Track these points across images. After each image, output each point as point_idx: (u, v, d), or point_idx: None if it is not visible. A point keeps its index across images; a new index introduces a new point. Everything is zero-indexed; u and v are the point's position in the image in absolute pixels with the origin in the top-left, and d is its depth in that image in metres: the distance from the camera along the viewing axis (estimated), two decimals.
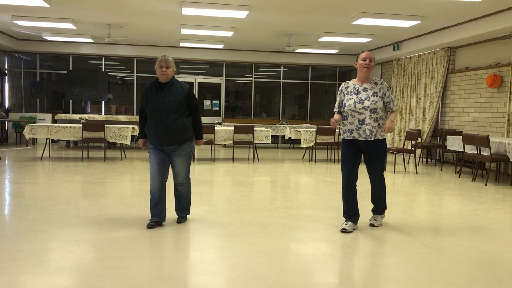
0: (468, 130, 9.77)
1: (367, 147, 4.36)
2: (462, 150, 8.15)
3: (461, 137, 8.18)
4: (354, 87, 4.41)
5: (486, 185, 7.44)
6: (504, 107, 8.77)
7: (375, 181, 4.48)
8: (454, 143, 8.57)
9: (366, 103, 4.28)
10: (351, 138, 4.36)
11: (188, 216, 4.76)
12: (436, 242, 4.09)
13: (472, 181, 7.78)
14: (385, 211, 4.68)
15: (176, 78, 4.37)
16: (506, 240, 4.23)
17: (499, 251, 3.88)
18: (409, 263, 3.51)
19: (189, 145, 4.37)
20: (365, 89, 4.35)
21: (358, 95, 4.33)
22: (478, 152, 7.65)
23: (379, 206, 4.59)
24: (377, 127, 4.29)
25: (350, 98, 4.35)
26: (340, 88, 4.51)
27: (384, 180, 4.51)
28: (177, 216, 4.60)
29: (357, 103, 4.29)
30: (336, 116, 4.39)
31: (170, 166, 4.42)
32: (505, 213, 5.38)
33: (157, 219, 4.35)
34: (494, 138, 7.95)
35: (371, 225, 4.60)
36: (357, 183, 4.49)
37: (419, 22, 8.96)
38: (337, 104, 4.49)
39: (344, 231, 4.33)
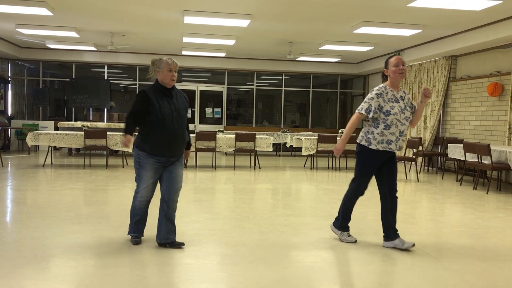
0: (469, 139, 9.78)
1: (389, 159, 4.10)
2: (463, 159, 8.16)
3: (462, 145, 8.19)
4: (393, 94, 4.04)
5: (487, 193, 7.44)
6: (505, 116, 8.79)
7: (395, 194, 4.17)
8: (455, 152, 8.58)
9: (407, 114, 4.04)
10: (387, 149, 4.02)
11: (190, 221, 4.76)
12: (437, 250, 4.09)
13: (473, 190, 7.78)
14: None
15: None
16: (507, 248, 4.23)
17: (500, 259, 3.88)
18: (410, 271, 3.51)
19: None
20: (402, 98, 4.08)
21: (399, 104, 4.01)
22: (479, 161, 7.66)
23: (395, 221, 4.17)
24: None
25: (394, 106, 3.98)
26: (379, 92, 4.03)
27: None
28: (165, 243, 3.96)
29: (401, 113, 3.99)
30: (342, 147, 4.11)
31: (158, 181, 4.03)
32: (506, 222, 5.38)
33: (140, 235, 4.07)
34: (495, 146, 7.96)
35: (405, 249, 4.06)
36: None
37: (420, 30, 9.01)
38: (367, 106, 4.01)
39: (355, 241, 4.25)
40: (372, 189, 7.54)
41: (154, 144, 3.82)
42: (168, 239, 3.95)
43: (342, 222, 4.32)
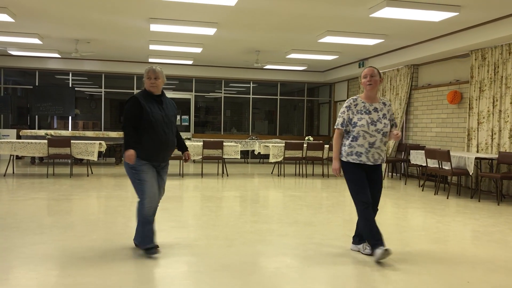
0: (431, 145, 10.08)
1: (371, 171, 4.08)
2: (425, 164, 8.40)
3: (424, 151, 8.43)
4: (364, 106, 4.03)
5: (447, 198, 7.68)
6: (464, 123, 9.10)
7: (375, 207, 4.13)
8: (417, 158, 8.83)
9: (379, 126, 3.98)
10: (357, 162, 4.00)
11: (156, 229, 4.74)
12: (397, 253, 4.21)
13: (434, 195, 8.02)
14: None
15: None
16: (463, 250, 4.39)
17: (456, 261, 4.03)
18: (369, 274, 3.60)
19: None
20: (376, 110, 4.04)
21: (370, 115, 3.99)
22: (440, 166, 7.90)
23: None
24: (384, 151, 4.09)
25: (362, 118, 3.97)
26: (347, 104, 4.06)
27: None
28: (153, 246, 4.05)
29: (370, 125, 3.96)
30: (337, 165, 4.08)
31: None
32: (464, 225, 5.57)
33: (155, 244, 4.04)
34: (455, 152, 8.24)
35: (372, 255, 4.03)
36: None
37: (383, 40, 9.26)
38: (341, 120, 4.06)
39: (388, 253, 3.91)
40: (338, 195, 7.68)
41: (148, 150, 3.90)
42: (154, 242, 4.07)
43: (372, 240, 3.97)
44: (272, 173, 11.05)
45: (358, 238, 4.29)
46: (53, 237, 4.49)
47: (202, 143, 9.97)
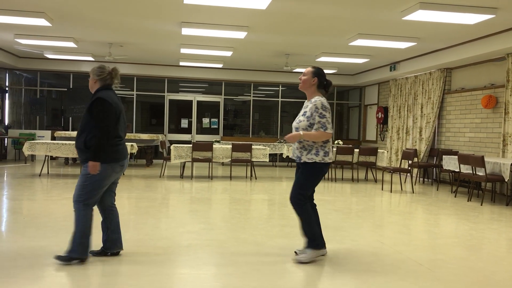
0: (464, 150, 9.85)
1: (298, 168, 4.11)
2: (458, 170, 8.22)
3: (456, 157, 8.25)
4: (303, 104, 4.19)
5: (481, 204, 7.49)
6: (499, 128, 8.87)
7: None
8: (450, 163, 8.64)
9: (294, 122, 4.05)
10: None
11: (186, 231, 4.78)
12: (430, 260, 4.13)
13: (468, 201, 7.83)
14: (318, 248, 4.01)
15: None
16: (499, 259, 4.27)
17: (491, 270, 3.92)
18: (401, 281, 3.54)
19: None
20: (304, 107, 4.10)
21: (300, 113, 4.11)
22: (474, 172, 7.71)
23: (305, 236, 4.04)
24: (301, 149, 3.97)
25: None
26: None
27: (298, 207, 4.00)
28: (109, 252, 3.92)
29: (294, 122, 4.09)
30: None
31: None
32: (499, 233, 5.42)
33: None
34: (489, 158, 8.03)
35: (299, 262, 3.95)
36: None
37: (415, 43, 9.11)
38: None
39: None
40: (368, 200, 7.57)
41: (117, 151, 3.76)
42: (119, 246, 3.98)
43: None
44: None
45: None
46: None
47: (231, 146, 10.02)
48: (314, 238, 3.98)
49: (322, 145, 3.96)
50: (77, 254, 3.67)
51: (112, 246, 3.91)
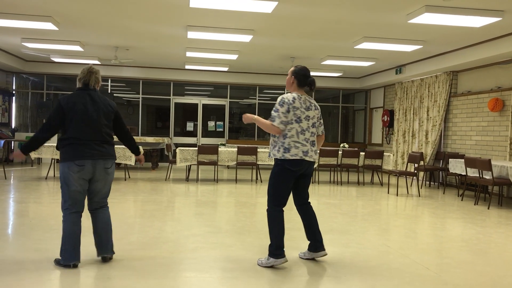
0: (470, 154, 9.80)
1: None
2: (465, 173, 8.17)
3: (463, 160, 8.21)
4: None
5: (488, 208, 7.44)
6: (506, 131, 8.82)
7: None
8: (456, 166, 8.60)
9: None
10: None
11: (191, 234, 4.78)
12: (437, 265, 4.10)
13: (474, 205, 7.78)
14: (272, 257, 3.87)
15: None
16: (506, 263, 4.24)
17: (499, 274, 3.89)
18: (408, 285, 3.52)
19: None
20: None
21: None
22: (480, 176, 7.67)
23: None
24: (271, 145, 4.00)
25: None
26: None
27: (268, 211, 3.96)
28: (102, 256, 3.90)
29: None
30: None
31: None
32: (506, 237, 5.38)
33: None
34: (496, 161, 7.98)
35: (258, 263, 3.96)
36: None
37: (421, 46, 9.09)
38: None
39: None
40: (374, 204, 7.55)
41: None
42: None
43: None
44: None
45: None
46: (92, 240, 4.59)
47: (236, 149, 10.02)
48: (275, 247, 3.86)
49: (282, 141, 3.87)
50: (62, 260, 3.69)
51: (98, 250, 3.88)
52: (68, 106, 3.69)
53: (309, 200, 4.18)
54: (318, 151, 3.99)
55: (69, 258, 3.65)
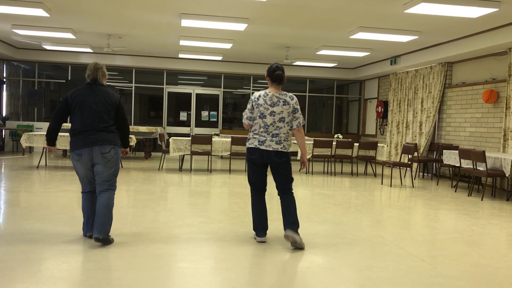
0: (464, 145, 9.81)
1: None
2: (459, 165, 8.18)
3: (457, 151, 8.21)
4: None
5: (482, 200, 7.46)
6: (500, 123, 8.82)
7: None
8: (450, 158, 8.60)
9: None
10: None
11: (185, 224, 4.74)
12: (432, 256, 4.09)
13: (468, 196, 7.80)
14: (254, 231, 4.41)
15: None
16: (501, 255, 4.23)
17: (494, 266, 3.88)
18: (403, 277, 3.50)
19: None
20: None
21: None
22: (474, 167, 7.68)
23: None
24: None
25: None
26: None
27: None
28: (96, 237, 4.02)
29: None
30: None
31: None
32: (500, 228, 5.39)
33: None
34: (490, 153, 7.99)
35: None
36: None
37: (416, 37, 9.04)
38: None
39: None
40: (367, 195, 7.55)
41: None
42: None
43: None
44: (300, 170, 10.93)
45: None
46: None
47: (230, 139, 9.96)
48: (253, 226, 4.38)
49: (249, 134, 4.37)
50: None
51: (93, 230, 4.07)
52: (71, 98, 4.07)
53: (291, 190, 4.38)
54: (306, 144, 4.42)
55: (84, 229, 4.23)
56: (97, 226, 3.95)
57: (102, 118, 4.00)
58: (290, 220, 4.18)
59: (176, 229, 4.72)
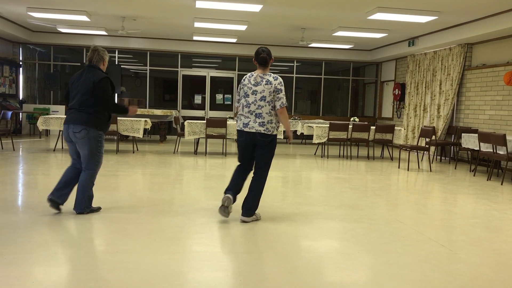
0: (483, 128, 9.62)
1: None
2: (478, 149, 8.02)
3: (476, 135, 8.04)
4: None
5: (502, 184, 7.32)
6: None
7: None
8: (469, 141, 8.44)
9: None
10: None
11: (201, 208, 4.71)
12: (451, 242, 4.01)
13: (487, 180, 7.66)
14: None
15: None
16: None
17: None
18: (423, 263, 3.44)
19: None
20: None
21: None
22: (494, 151, 7.52)
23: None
24: None
25: None
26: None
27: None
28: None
29: None
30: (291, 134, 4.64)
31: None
32: None
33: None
34: (510, 136, 7.81)
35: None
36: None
37: (436, 17, 8.81)
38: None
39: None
40: (384, 179, 7.45)
41: (107, 122, 4.48)
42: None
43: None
44: (315, 154, 10.88)
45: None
46: (101, 213, 4.55)
47: None
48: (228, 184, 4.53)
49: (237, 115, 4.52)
50: None
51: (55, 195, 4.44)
52: (71, 80, 4.47)
53: (262, 175, 4.46)
54: (286, 124, 4.43)
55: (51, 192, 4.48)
56: (76, 201, 4.45)
57: (82, 99, 4.29)
58: (246, 206, 4.42)
59: (192, 212, 4.70)
